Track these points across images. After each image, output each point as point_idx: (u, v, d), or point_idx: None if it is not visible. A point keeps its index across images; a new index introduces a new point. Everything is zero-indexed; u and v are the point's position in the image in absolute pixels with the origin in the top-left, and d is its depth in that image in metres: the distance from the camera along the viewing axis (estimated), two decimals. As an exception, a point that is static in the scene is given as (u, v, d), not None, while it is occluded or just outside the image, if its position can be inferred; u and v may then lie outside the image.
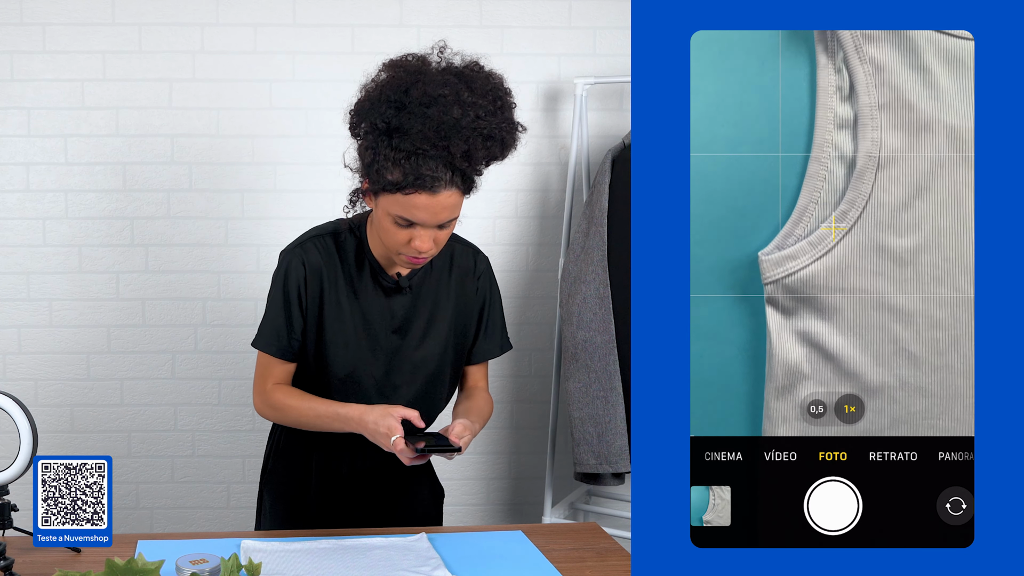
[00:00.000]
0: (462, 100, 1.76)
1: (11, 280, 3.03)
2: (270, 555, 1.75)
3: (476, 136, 1.77)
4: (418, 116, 1.75)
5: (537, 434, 3.23)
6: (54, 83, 2.99)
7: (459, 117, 1.75)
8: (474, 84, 1.80)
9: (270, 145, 3.05)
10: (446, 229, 1.85)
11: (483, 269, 2.04)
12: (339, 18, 3.05)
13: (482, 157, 1.80)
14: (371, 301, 1.95)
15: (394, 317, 1.96)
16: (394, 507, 2.05)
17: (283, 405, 1.94)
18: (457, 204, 1.82)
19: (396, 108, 1.77)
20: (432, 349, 1.97)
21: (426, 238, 1.82)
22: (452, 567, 1.73)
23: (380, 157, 1.78)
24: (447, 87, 1.76)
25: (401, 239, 1.83)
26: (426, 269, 1.98)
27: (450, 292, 2.00)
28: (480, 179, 1.87)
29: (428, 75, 1.79)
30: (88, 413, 3.08)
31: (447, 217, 1.82)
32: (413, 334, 1.96)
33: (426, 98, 1.75)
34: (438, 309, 1.98)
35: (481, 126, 1.77)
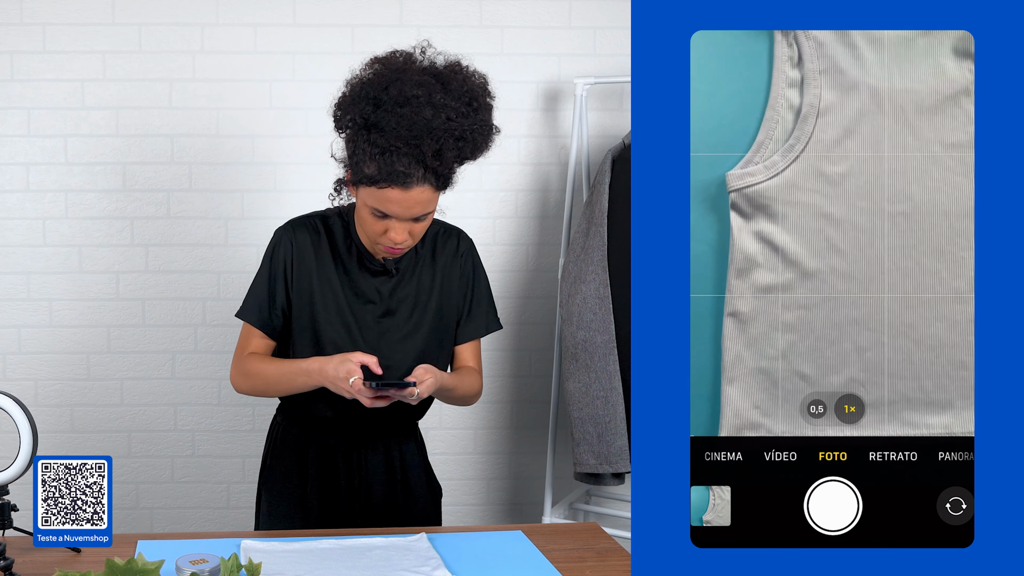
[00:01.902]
0: (434, 101, 1.81)
1: (11, 280, 3.03)
2: (270, 555, 1.75)
3: (448, 137, 1.81)
4: (392, 114, 1.80)
5: (537, 434, 3.23)
6: (54, 83, 2.99)
7: (430, 118, 1.80)
8: (450, 85, 1.84)
9: (270, 145, 3.05)
10: (422, 222, 1.90)
11: (465, 248, 2.08)
12: (339, 18, 3.05)
13: (453, 157, 1.84)
14: (359, 281, 2.00)
15: (382, 299, 2.00)
16: (392, 505, 2.05)
17: (253, 370, 1.99)
18: (431, 199, 1.87)
19: (374, 105, 1.83)
20: (419, 330, 2.01)
21: (401, 230, 1.88)
22: (452, 567, 1.73)
23: (359, 151, 1.85)
24: (422, 87, 1.81)
25: (378, 229, 1.89)
26: (410, 252, 2.02)
27: (435, 274, 2.04)
28: (456, 176, 1.91)
29: (407, 74, 1.83)
30: (88, 413, 3.08)
31: (420, 212, 1.87)
32: (400, 315, 2.01)
33: (401, 97, 1.81)
34: (423, 291, 2.03)
35: (453, 127, 1.81)
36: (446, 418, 3.17)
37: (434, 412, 3.06)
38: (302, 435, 2.05)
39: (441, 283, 2.04)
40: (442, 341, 2.05)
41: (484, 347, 3.14)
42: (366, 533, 1.89)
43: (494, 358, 3.19)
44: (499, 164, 3.12)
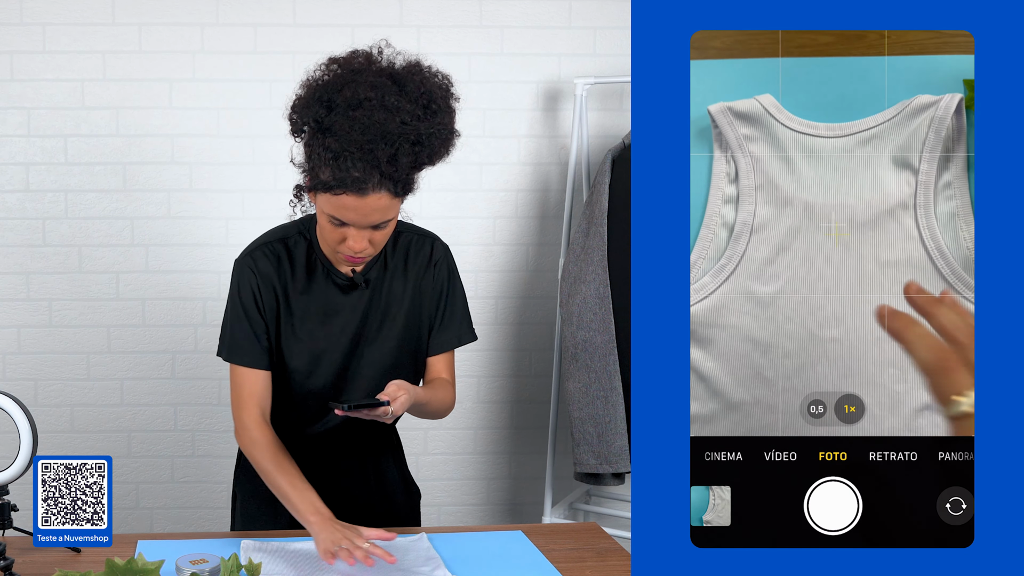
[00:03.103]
0: (387, 104, 1.71)
1: (11, 280, 3.03)
2: (270, 555, 1.75)
3: (403, 141, 1.71)
4: (345, 118, 1.71)
5: (537, 434, 3.23)
6: (54, 83, 2.99)
7: (383, 121, 1.70)
8: (406, 87, 1.75)
9: (270, 145, 3.05)
10: (382, 230, 1.81)
11: (440, 256, 1.99)
12: (339, 18, 3.05)
13: (409, 163, 1.74)
14: (326, 300, 1.93)
15: (353, 312, 1.93)
16: (368, 509, 2.02)
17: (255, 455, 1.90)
18: (389, 206, 1.77)
19: (327, 108, 1.75)
20: (389, 344, 1.94)
21: (359, 238, 1.79)
22: (452, 567, 1.73)
23: (314, 156, 1.77)
24: (375, 89, 1.72)
25: (336, 237, 1.81)
26: (381, 262, 1.95)
27: (406, 284, 1.96)
28: (417, 181, 1.81)
29: (362, 75, 1.74)
30: (88, 413, 3.08)
31: (379, 219, 1.77)
32: (370, 328, 1.94)
33: (354, 100, 1.72)
34: (394, 302, 1.95)
35: (407, 131, 1.71)
36: (446, 418, 3.17)
37: (434, 412, 3.07)
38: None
39: (413, 292, 1.96)
40: (414, 352, 1.98)
41: (483, 347, 3.15)
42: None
43: (494, 358, 3.19)
44: (499, 164, 3.12)
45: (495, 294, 3.19)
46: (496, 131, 3.14)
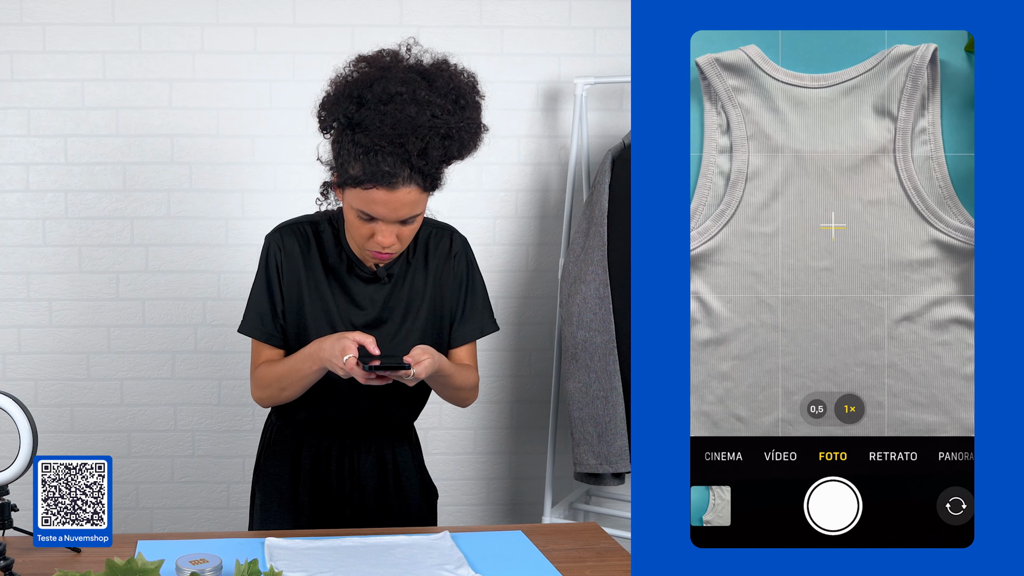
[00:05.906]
0: (418, 98, 1.76)
1: (11, 280, 3.03)
2: (293, 553, 1.75)
3: (433, 135, 1.77)
4: (376, 112, 1.76)
5: (537, 434, 3.23)
6: (54, 83, 2.99)
7: (415, 115, 1.75)
8: (436, 82, 1.80)
9: (270, 145, 3.05)
10: (410, 225, 1.85)
11: (459, 248, 2.02)
12: (339, 18, 3.05)
13: (439, 156, 1.79)
14: (350, 289, 1.96)
15: (374, 306, 1.96)
16: (385, 507, 2.04)
17: (265, 378, 1.96)
18: (418, 201, 1.82)
19: (358, 104, 1.79)
20: (412, 337, 1.97)
21: (388, 233, 1.83)
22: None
23: (343, 151, 1.81)
24: (406, 84, 1.77)
25: (364, 233, 1.85)
26: (402, 257, 1.98)
27: (427, 278, 1.99)
28: (445, 177, 1.86)
29: (392, 72, 1.79)
30: (88, 413, 3.08)
31: (407, 213, 1.82)
32: (393, 322, 1.97)
33: (385, 95, 1.76)
34: (416, 296, 1.98)
35: (438, 125, 1.77)
36: (446, 418, 3.17)
37: (434, 412, 3.07)
38: (295, 435, 2.03)
39: (434, 286, 1.99)
40: (436, 345, 2.00)
41: (483, 347, 3.15)
42: (388, 532, 1.89)
43: (494, 358, 3.19)
44: (499, 164, 3.12)
45: (495, 294, 3.19)
46: (496, 131, 3.09)
